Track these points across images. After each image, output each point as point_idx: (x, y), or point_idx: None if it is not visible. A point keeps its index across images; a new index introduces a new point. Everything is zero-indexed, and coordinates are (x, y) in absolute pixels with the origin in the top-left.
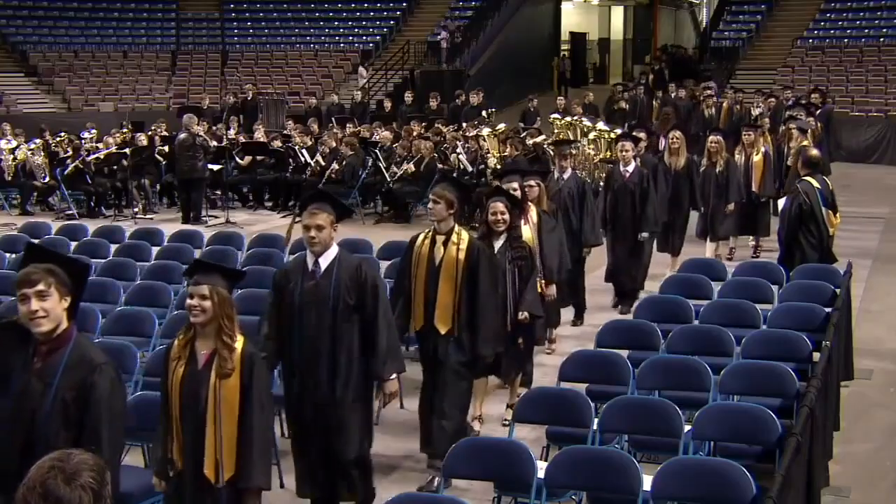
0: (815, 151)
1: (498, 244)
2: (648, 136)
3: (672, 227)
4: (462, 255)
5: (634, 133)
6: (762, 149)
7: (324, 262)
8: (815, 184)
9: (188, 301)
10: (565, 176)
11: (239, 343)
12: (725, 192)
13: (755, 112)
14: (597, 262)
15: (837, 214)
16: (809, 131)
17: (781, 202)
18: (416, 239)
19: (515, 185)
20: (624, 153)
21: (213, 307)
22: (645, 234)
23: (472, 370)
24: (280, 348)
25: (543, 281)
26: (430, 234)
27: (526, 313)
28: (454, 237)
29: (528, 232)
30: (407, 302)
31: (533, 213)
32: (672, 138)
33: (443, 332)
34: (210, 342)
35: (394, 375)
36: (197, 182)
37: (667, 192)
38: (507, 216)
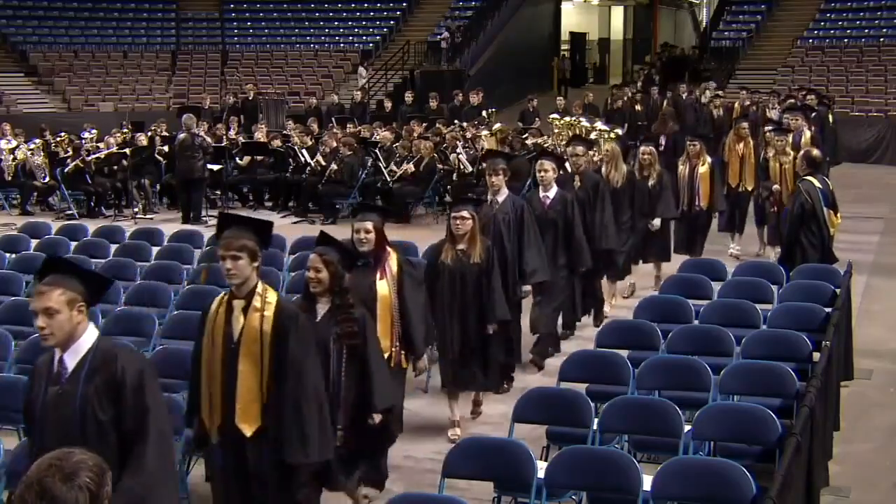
0: (816, 151)
1: (322, 310)
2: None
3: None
4: (268, 326)
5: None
6: (707, 160)
7: (70, 359)
8: (817, 183)
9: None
10: (499, 199)
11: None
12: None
13: (770, 114)
14: None
15: (838, 214)
16: (805, 134)
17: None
18: (209, 308)
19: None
20: (543, 174)
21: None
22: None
23: (299, 484)
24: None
25: (403, 356)
26: (226, 298)
27: (377, 416)
28: (257, 301)
29: (384, 288)
30: (196, 394)
31: (392, 262)
32: (605, 151)
33: (248, 433)
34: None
35: None
36: (197, 182)
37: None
38: (322, 274)
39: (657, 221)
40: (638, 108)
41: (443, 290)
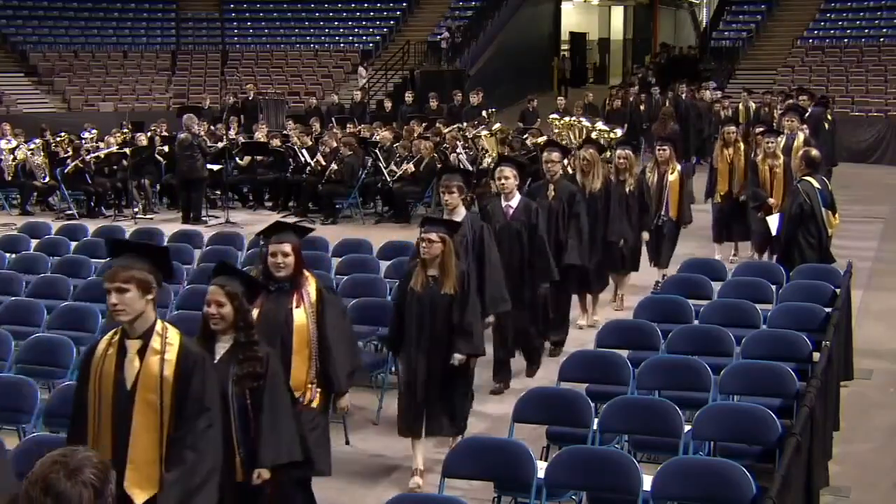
0: (815, 152)
1: (221, 350)
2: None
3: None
4: (170, 371)
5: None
6: (677, 167)
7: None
8: (816, 184)
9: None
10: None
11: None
12: (639, 217)
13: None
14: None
15: (836, 215)
16: (799, 137)
17: (774, 219)
18: (95, 349)
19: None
20: (504, 182)
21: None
22: (545, 287)
23: None
24: None
25: (319, 394)
26: (117, 338)
27: (264, 473)
28: (156, 341)
29: (301, 317)
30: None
31: (311, 288)
32: (582, 157)
33: (139, 501)
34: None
35: None
36: (197, 182)
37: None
38: (225, 309)
39: (645, 235)
40: (642, 108)
41: (410, 320)
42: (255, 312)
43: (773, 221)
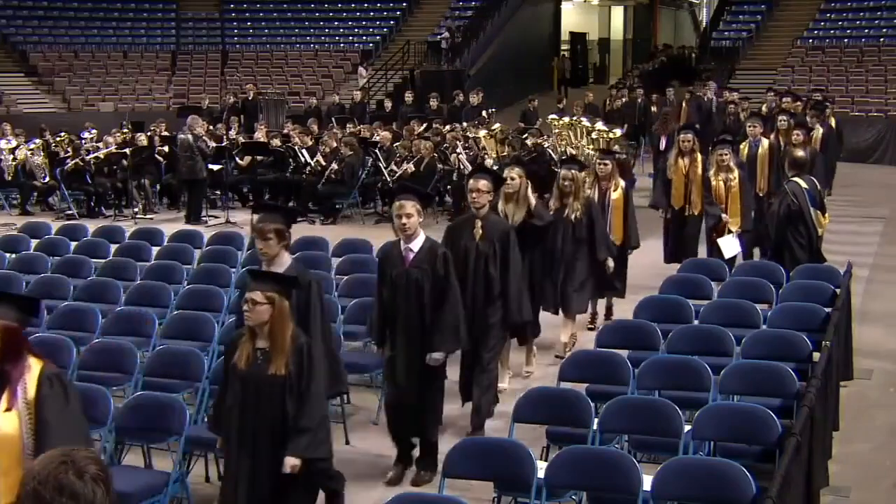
0: (801, 152)
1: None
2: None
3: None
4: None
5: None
6: (621, 183)
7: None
8: (803, 184)
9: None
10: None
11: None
12: (589, 246)
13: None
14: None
15: (826, 215)
16: (763, 144)
17: (727, 241)
18: None
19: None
20: (405, 221)
21: None
22: (437, 356)
23: None
24: None
25: None
26: None
27: None
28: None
29: (9, 425)
30: None
31: (30, 380)
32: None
33: None
34: None
35: None
36: (197, 183)
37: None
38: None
39: (611, 262)
40: (653, 108)
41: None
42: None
43: (726, 244)
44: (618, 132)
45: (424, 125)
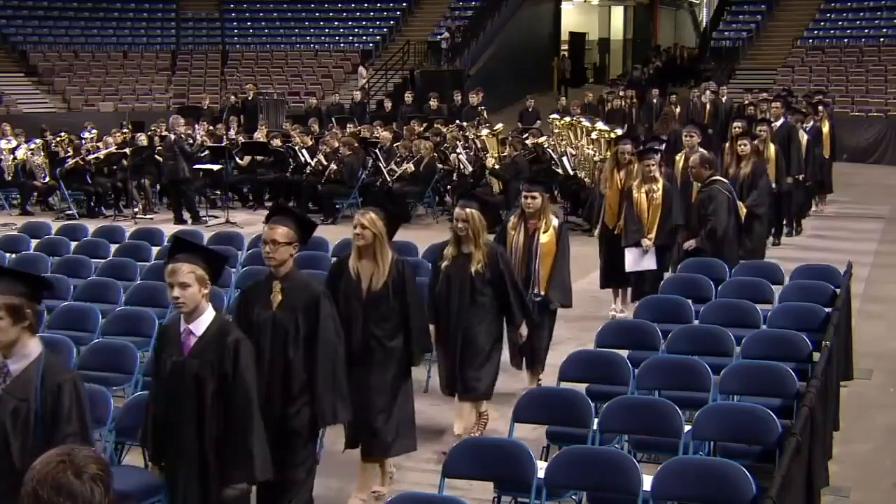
0: (703, 150)
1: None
2: None
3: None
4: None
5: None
6: (553, 222)
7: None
8: (722, 181)
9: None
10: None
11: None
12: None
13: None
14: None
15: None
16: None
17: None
18: None
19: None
20: (177, 293)
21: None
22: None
23: None
24: None
25: None
26: None
27: None
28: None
29: None
30: None
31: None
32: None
33: None
34: None
35: None
36: (182, 183)
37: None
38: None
39: (523, 330)
40: (677, 109)
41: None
42: None
43: (632, 256)
44: (618, 132)
45: (424, 125)
